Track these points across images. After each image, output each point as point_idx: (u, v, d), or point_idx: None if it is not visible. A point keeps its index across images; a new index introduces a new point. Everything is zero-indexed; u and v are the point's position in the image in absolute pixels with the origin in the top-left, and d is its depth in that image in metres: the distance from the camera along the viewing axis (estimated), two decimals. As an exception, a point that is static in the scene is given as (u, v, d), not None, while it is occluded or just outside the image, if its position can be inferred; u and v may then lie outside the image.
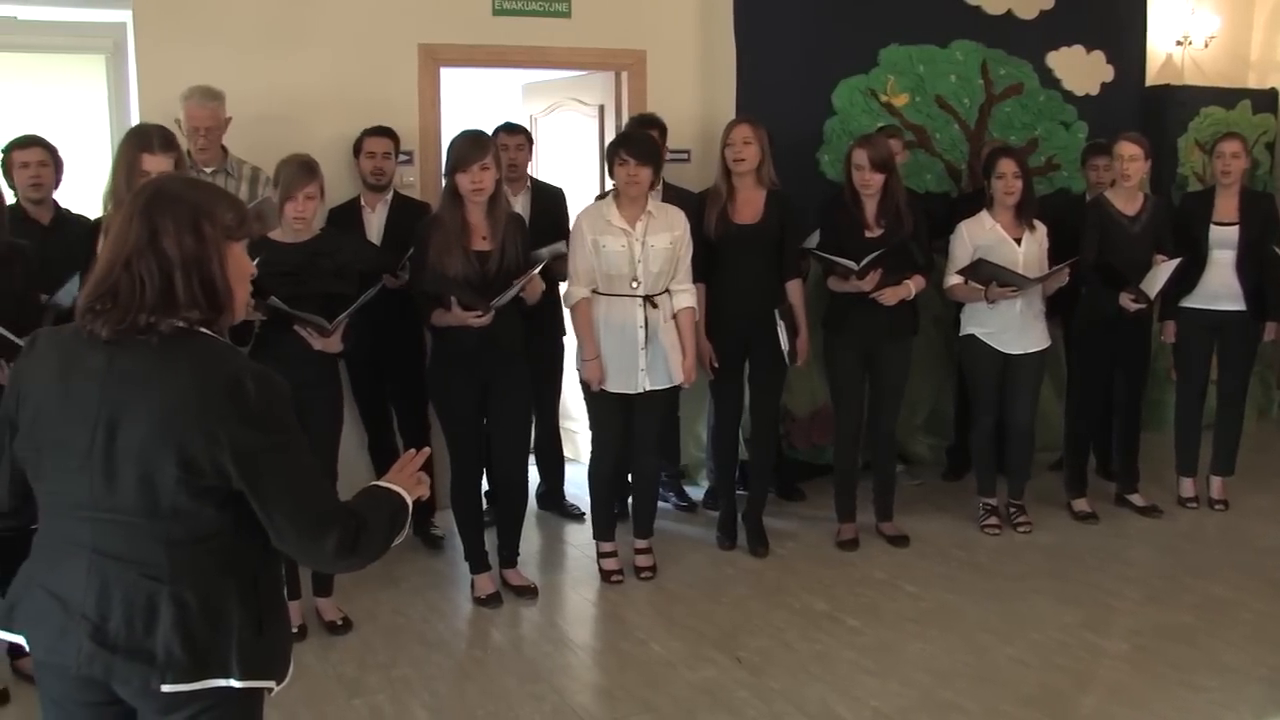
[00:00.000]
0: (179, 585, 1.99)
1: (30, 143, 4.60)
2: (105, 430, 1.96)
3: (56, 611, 2.02)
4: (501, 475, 4.80)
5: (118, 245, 1.98)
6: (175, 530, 1.98)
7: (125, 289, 1.95)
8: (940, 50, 6.45)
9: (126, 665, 1.98)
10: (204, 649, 1.99)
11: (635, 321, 4.72)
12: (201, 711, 2.03)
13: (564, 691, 3.98)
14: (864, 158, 5.00)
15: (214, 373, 1.96)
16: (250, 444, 1.95)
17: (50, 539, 2.08)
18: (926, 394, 6.37)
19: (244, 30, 5.42)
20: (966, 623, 4.48)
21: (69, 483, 2.01)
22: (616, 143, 4.82)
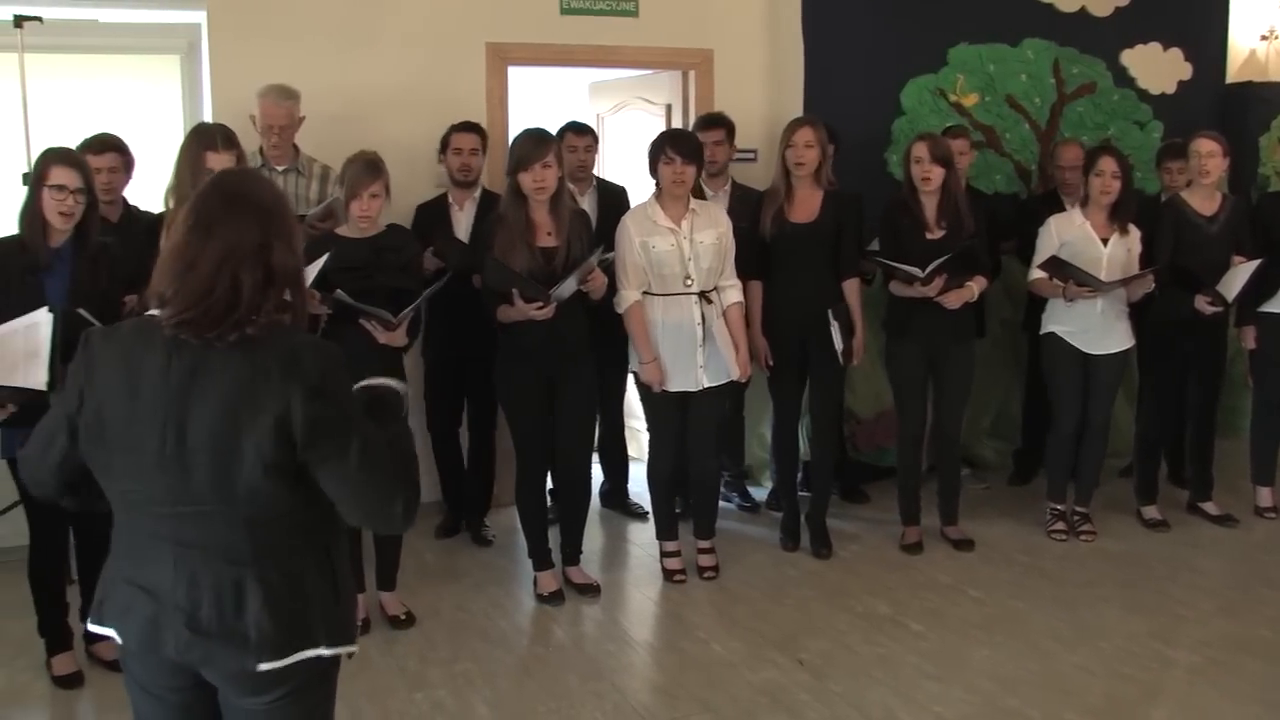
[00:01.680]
0: (262, 565, 2.05)
1: (104, 147, 4.63)
2: (175, 426, 2.00)
3: (147, 604, 2.08)
4: (566, 473, 4.82)
5: (227, 250, 2.01)
6: (252, 512, 2.03)
7: (226, 298, 1.99)
8: (1011, 49, 6.37)
9: (223, 650, 2.04)
10: (292, 623, 2.06)
11: (693, 319, 4.72)
12: (290, 691, 2.11)
13: (625, 690, 3.99)
14: (923, 151, 4.96)
15: (271, 351, 2.00)
16: (313, 412, 1.99)
17: (131, 535, 2.12)
18: (994, 397, 6.30)
19: (314, 30, 5.50)
20: (1032, 629, 4.42)
21: (145, 481, 2.05)
22: (661, 141, 4.78)
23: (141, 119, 5.58)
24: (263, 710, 2.12)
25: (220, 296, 1.98)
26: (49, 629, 4.04)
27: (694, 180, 4.73)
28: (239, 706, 2.14)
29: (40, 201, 3.74)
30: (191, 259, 2.01)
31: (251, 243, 2.02)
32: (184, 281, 2.00)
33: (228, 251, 2.00)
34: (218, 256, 2.00)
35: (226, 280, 1.99)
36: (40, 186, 3.74)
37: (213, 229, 2.02)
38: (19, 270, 3.72)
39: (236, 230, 2.02)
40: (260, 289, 2.01)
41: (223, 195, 2.08)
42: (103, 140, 4.68)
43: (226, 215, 2.03)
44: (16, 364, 3.40)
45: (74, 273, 3.80)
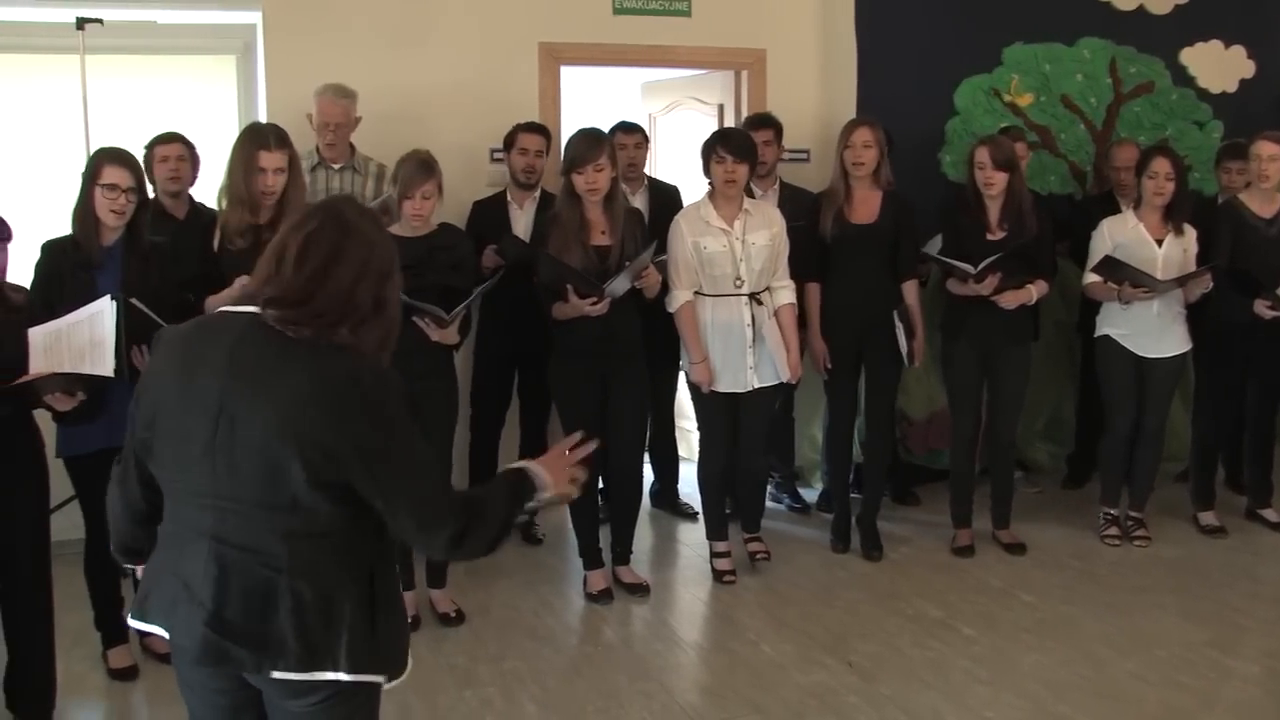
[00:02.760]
0: (296, 577, 2.03)
1: (170, 138, 4.84)
2: (227, 421, 2.01)
3: (184, 597, 2.08)
4: (617, 472, 4.82)
5: (363, 266, 2.09)
6: (294, 523, 2.03)
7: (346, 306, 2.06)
8: (1067, 49, 6.30)
9: (241, 651, 2.03)
10: (316, 641, 2.04)
11: (742, 320, 4.70)
12: (323, 700, 2.09)
13: (673, 690, 3.99)
14: (986, 156, 4.92)
15: (332, 370, 2.01)
16: (367, 438, 2.00)
17: (175, 525, 2.14)
18: (1047, 400, 6.23)
19: (368, 31, 5.55)
20: (1084, 635, 4.37)
21: (191, 471, 2.07)
22: (713, 140, 4.77)
23: (198, 119, 5.65)
24: (307, 711, 2.11)
25: (355, 305, 2.07)
26: (105, 622, 4.10)
27: (746, 179, 4.71)
28: (283, 708, 2.14)
29: (92, 200, 3.79)
30: (324, 263, 2.06)
31: (387, 264, 2.13)
32: (310, 288, 2.05)
33: (361, 268, 2.08)
34: (355, 270, 2.08)
35: (361, 297, 2.08)
36: (93, 185, 3.79)
37: (346, 239, 2.09)
38: (71, 268, 3.77)
39: (370, 247, 2.11)
40: (374, 308, 2.10)
41: (361, 212, 2.18)
42: (170, 133, 4.86)
43: (358, 230, 2.12)
44: (83, 353, 3.45)
45: (125, 271, 3.85)
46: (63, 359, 3.42)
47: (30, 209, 5.18)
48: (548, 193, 5.28)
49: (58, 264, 3.80)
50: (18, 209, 5.34)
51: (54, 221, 3.93)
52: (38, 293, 3.76)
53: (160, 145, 4.82)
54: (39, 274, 3.83)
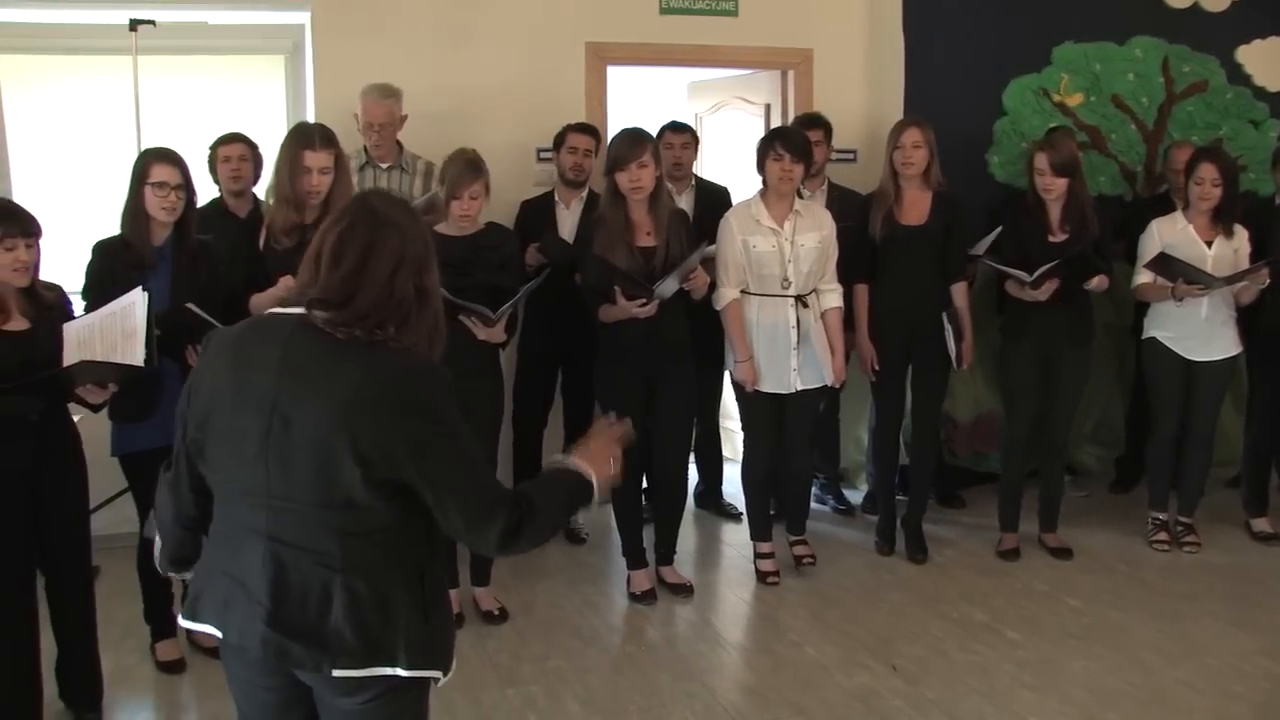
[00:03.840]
0: (350, 575, 2.04)
1: (233, 139, 4.93)
2: (281, 421, 2.02)
3: (240, 596, 2.09)
4: (662, 472, 4.82)
5: (398, 260, 2.08)
6: (348, 521, 2.03)
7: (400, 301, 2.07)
8: (1118, 48, 6.22)
9: (300, 649, 2.04)
10: (374, 637, 2.05)
11: (787, 322, 4.69)
12: (375, 697, 2.10)
13: (716, 690, 3.99)
14: (1045, 162, 4.86)
15: (382, 367, 2.02)
16: (418, 434, 2.00)
17: (228, 526, 2.15)
18: (1096, 403, 6.15)
19: (416, 30, 5.58)
20: (1132, 642, 4.32)
21: (244, 471, 2.07)
22: (770, 138, 4.77)
23: (247, 118, 5.71)
24: (357, 710, 2.12)
25: (398, 300, 2.07)
26: (154, 616, 4.15)
27: (801, 179, 4.69)
28: (334, 706, 2.15)
29: (142, 200, 3.83)
30: (358, 261, 2.07)
31: (421, 255, 2.11)
32: (347, 287, 2.06)
33: (395, 262, 2.08)
34: (388, 266, 2.07)
35: (400, 291, 2.07)
36: (142, 185, 3.83)
37: (378, 236, 2.09)
38: (124, 269, 3.81)
39: (401, 239, 2.10)
40: (417, 300, 2.09)
41: (391, 202, 2.18)
42: (233, 134, 4.95)
43: (390, 223, 2.11)
44: (115, 344, 3.49)
45: (175, 269, 3.90)
46: (95, 352, 3.46)
47: (84, 210, 5.28)
48: (595, 193, 5.29)
49: (110, 264, 3.84)
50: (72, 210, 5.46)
51: (107, 222, 3.97)
52: (91, 293, 3.82)
53: (223, 145, 4.90)
54: (91, 274, 3.88)
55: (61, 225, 5.43)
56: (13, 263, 3.38)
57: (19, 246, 3.38)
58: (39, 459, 3.51)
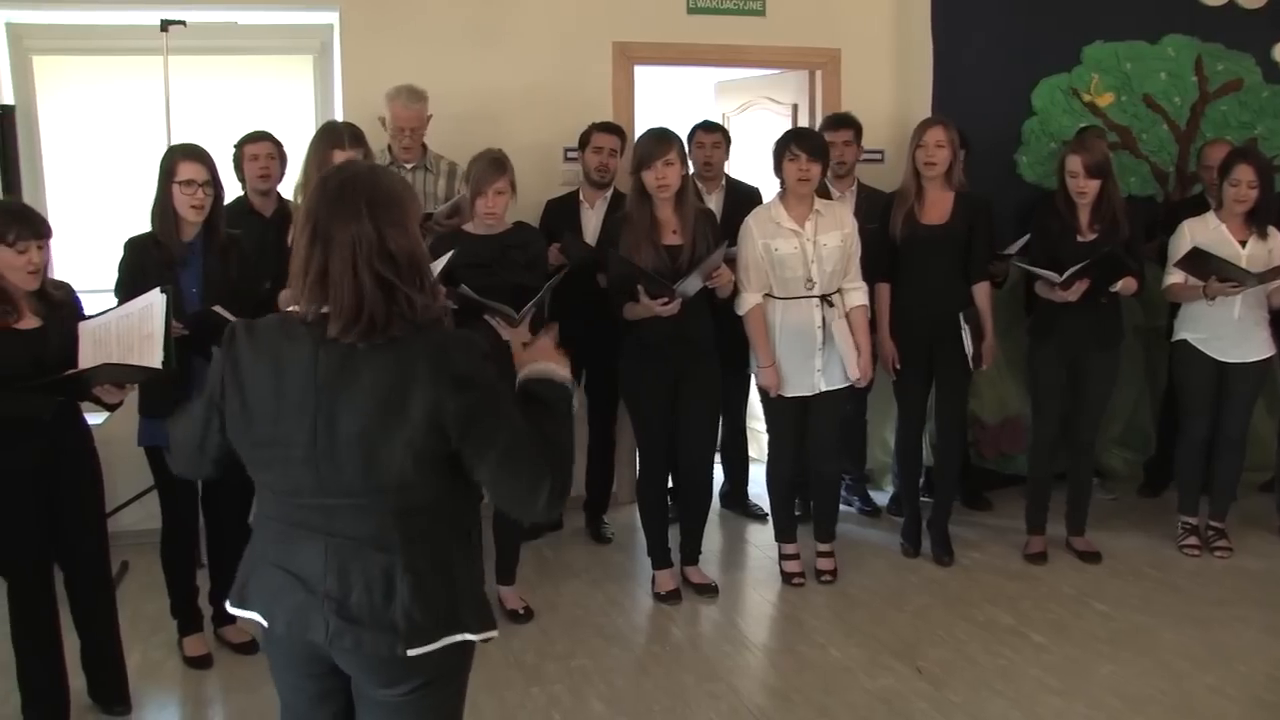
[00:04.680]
0: (411, 554, 2.08)
1: (260, 137, 4.94)
2: (325, 421, 2.03)
3: (296, 590, 2.11)
4: (687, 472, 4.82)
5: (349, 251, 2.00)
6: (403, 502, 2.06)
7: (372, 301, 2.00)
8: (1150, 46, 6.17)
9: (373, 635, 2.07)
10: (440, 609, 2.10)
11: (813, 323, 4.67)
12: (427, 682, 2.14)
13: (740, 691, 3.98)
14: (1077, 164, 4.82)
15: (418, 346, 2.02)
16: (463, 403, 2.01)
17: (278, 523, 2.16)
18: (1125, 405, 6.11)
19: (443, 30, 5.60)
20: (1161, 647, 4.28)
21: (294, 474, 2.08)
22: (786, 138, 4.74)
23: (276, 118, 5.73)
24: (395, 702, 2.14)
25: (368, 301, 1.99)
26: (180, 611, 4.19)
27: (819, 179, 4.68)
28: (372, 698, 2.17)
29: (171, 197, 3.86)
30: (319, 269, 2.02)
31: (369, 238, 2.00)
32: (321, 292, 2.02)
33: (351, 255, 2.00)
34: (344, 263, 2.00)
35: (367, 286, 1.99)
36: (169, 182, 3.85)
37: (331, 235, 2.02)
38: (155, 266, 3.84)
39: (351, 230, 2.00)
40: (396, 279, 2.01)
41: (328, 197, 2.05)
42: (259, 132, 4.97)
43: (337, 217, 2.02)
44: (133, 345, 3.50)
45: (206, 266, 3.92)
46: (110, 351, 3.48)
47: (117, 209, 5.32)
48: (620, 193, 5.29)
49: (141, 261, 3.87)
50: (105, 209, 5.51)
51: (139, 221, 4.00)
52: (123, 290, 3.84)
53: (250, 144, 4.92)
54: (123, 271, 3.90)
55: (95, 224, 5.52)
56: (25, 264, 3.40)
57: (31, 248, 3.40)
58: (52, 457, 3.54)
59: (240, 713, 3.86)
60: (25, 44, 5.50)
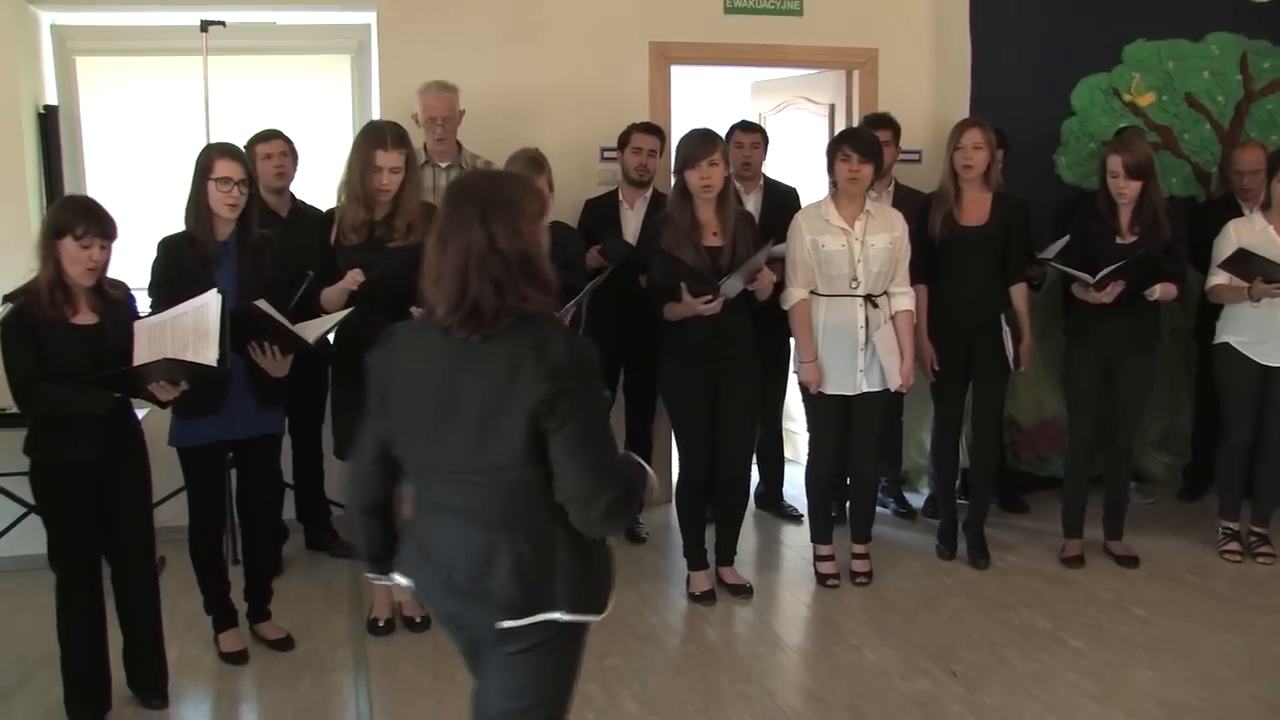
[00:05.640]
0: (514, 534, 2.26)
1: (271, 135, 4.95)
2: (446, 405, 2.23)
3: (422, 560, 2.37)
4: (724, 473, 4.80)
5: (461, 255, 2.19)
6: (512, 483, 2.24)
7: (476, 299, 2.18)
8: (1192, 45, 6.09)
9: (472, 606, 2.30)
10: (535, 588, 2.26)
11: (855, 322, 4.65)
12: (533, 645, 2.30)
13: (774, 693, 3.96)
14: (1119, 164, 4.77)
15: (528, 338, 2.19)
16: (553, 390, 2.16)
17: (420, 501, 2.40)
18: (1164, 408, 6.05)
19: (480, 30, 5.62)
20: (1202, 654, 4.23)
21: (421, 452, 2.31)
22: (839, 138, 4.76)
23: (313, 117, 5.78)
24: (512, 660, 2.33)
25: (470, 300, 2.18)
26: (214, 607, 4.22)
27: (870, 180, 4.67)
28: (488, 653, 2.37)
29: (205, 194, 3.88)
30: (437, 272, 2.23)
31: (480, 241, 2.18)
32: (438, 292, 2.22)
33: (461, 259, 2.19)
34: (455, 265, 2.19)
35: (472, 285, 2.18)
36: (205, 180, 3.87)
37: (447, 239, 2.22)
38: (190, 264, 3.87)
39: (464, 234, 2.19)
40: (505, 278, 2.18)
41: (449, 203, 2.28)
42: (268, 131, 4.98)
43: (454, 222, 2.22)
44: (187, 343, 3.54)
45: (240, 264, 3.94)
46: (165, 349, 3.52)
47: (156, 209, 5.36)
48: (659, 193, 5.30)
49: (175, 259, 3.90)
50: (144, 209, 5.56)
51: (178, 220, 4.03)
52: (157, 289, 3.87)
53: (261, 143, 4.92)
54: (157, 271, 3.93)
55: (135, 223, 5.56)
56: (86, 260, 3.44)
57: (94, 246, 3.45)
58: (105, 452, 3.57)
59: (275, 707, 3.89)
60: (69, 45, 5.57)
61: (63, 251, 3.43)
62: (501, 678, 2.37)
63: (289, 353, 3.91)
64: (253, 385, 3.96)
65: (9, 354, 3.46)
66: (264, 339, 3.84)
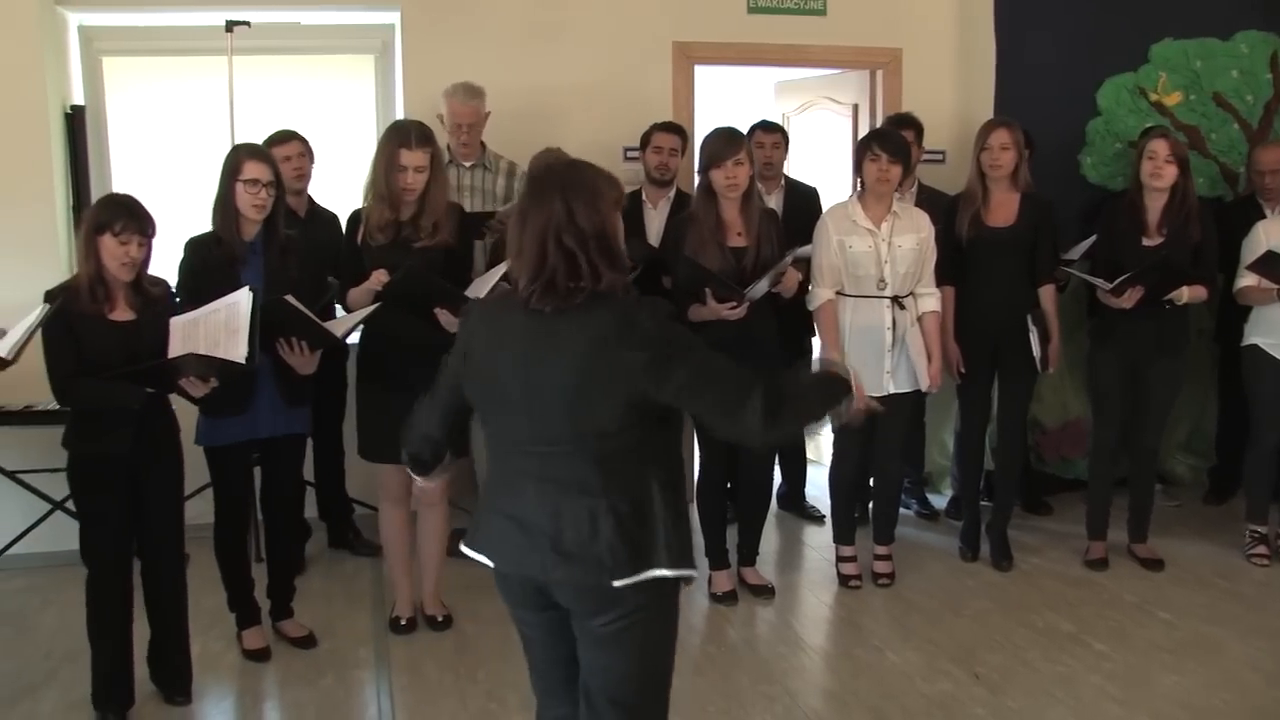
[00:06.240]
0: (612, 496, 2.35)
1: (288, 137, 4.94)
2: (535, 379, 2.34)
3: (516, 531, 2.42)
4: (746, 473, 4.80)
5: (542, 227, 2.32)
6: (603, 449, 2.34)
7: (553, 269, 2.30)
8: (1221, 43, 6.03)
9: (582, 569, 2.35)
10: (640, 545, 2.35)
11: (882, 323, 4.64)
12: (635, 610, 2.38)
13: (796, 694, 3.96)
14: (1161, 146, 4.74)
15: (613, 313, 2.31)
16: (650, 355, 2.27)
17: (503, 471, 2.48)
18: (1189, 410, 6.00)
19: (504, 30, 5.63)
20: (1229, 658, 4.20)
21: (510, 425, 2.41)
22: (868, 138, 4.75)
23: (337, 117, 5.80)
24: (610, 630, 2.39)
25: (552, 267, 2.30)
26: (237, 604, 4.24)
27: (899, 180, 4.66)
28: (588, 627, 2.42)
29: (233, 195, 3.89)
30: (520, 244, 2.36)
31: (560, 214, 2.31)
32: (520, 263, 2.36)
33: (540, 231, 2.32)
34: (535, 238, 2.32)
35: (550, 254, 2.30)
36: (233, 181, 3.88)
37: (527, 214, 2.36)
38: (218, 264, 3.89)
39: (546, 208, 2.33)
40: (582, 251, 2.30)
41: (532, 182, 2.47)
42: (285, 132, 4.97)
43: (535, 198, 2.37)
44: (218, 340, 3.58)
45: (267, 264, 3.96)
46: (198, 345, 3.56)
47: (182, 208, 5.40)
48: (683, 192, 5.29)
49: (203, 260, 3.92)
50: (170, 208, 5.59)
51: (203, 221, 4.06)
52: (184, 289, 3.90)
53: (278, 145, 4.87)
54: (184, 270, 3.95)
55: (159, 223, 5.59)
56: (123, 256, 3.49)
57: (132, 243, 3.49)
58: (140, 446, 3.60)
59: (297, 705, 3.90)
60: (96, 46, 5.61)
61: (103, 248, 3.48)
62: (607, 651, 2.44)
63: (316, 349, 3.93)
64: (279, 384, 3.98)
65: (50, 350, 3.50)
66: (292, 335, 3.85)
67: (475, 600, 4.54)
